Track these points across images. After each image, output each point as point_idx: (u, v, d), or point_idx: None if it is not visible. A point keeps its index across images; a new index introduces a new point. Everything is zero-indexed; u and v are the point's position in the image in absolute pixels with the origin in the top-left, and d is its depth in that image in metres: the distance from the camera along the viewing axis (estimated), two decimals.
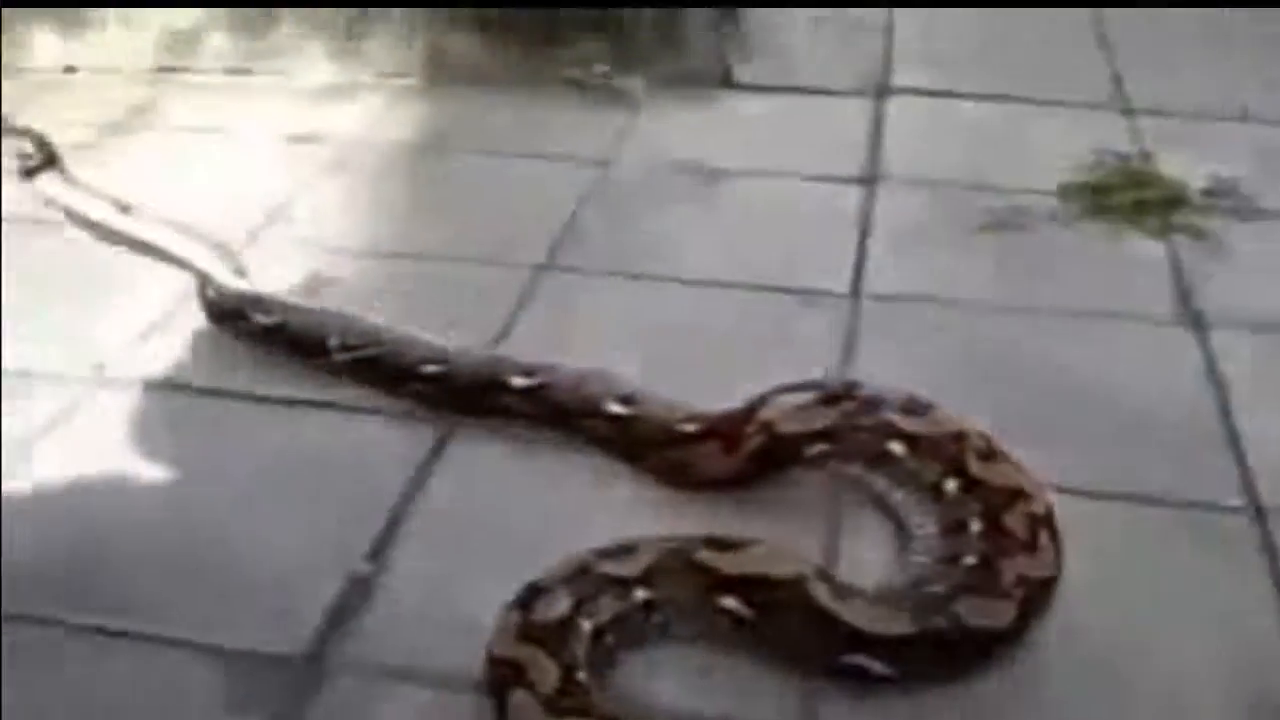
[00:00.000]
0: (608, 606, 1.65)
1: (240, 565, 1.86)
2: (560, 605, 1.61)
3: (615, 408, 2.11)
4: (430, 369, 2.24)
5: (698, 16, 3.52)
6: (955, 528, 1.82)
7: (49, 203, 2.96)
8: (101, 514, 1.99)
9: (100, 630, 1.75)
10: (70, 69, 3.87)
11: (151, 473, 2.09)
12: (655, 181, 3.08)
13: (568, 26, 3.55)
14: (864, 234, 2.77)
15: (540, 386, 2.17)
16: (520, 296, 2.57)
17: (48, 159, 3.00)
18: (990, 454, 1.88)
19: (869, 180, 3.00)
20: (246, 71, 3.77)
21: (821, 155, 3.13)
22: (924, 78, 3.56)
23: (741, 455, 1.97)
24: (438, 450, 2.12)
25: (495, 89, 3.55)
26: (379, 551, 1.89)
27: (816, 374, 2.19)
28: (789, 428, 1.95)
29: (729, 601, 1.68)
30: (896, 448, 1.92)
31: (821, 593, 1.64)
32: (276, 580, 1.83)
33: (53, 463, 2.10)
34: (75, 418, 2.22)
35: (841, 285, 2.57)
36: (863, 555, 1.86)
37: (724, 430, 1.99)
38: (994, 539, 1.75)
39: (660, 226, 2.85)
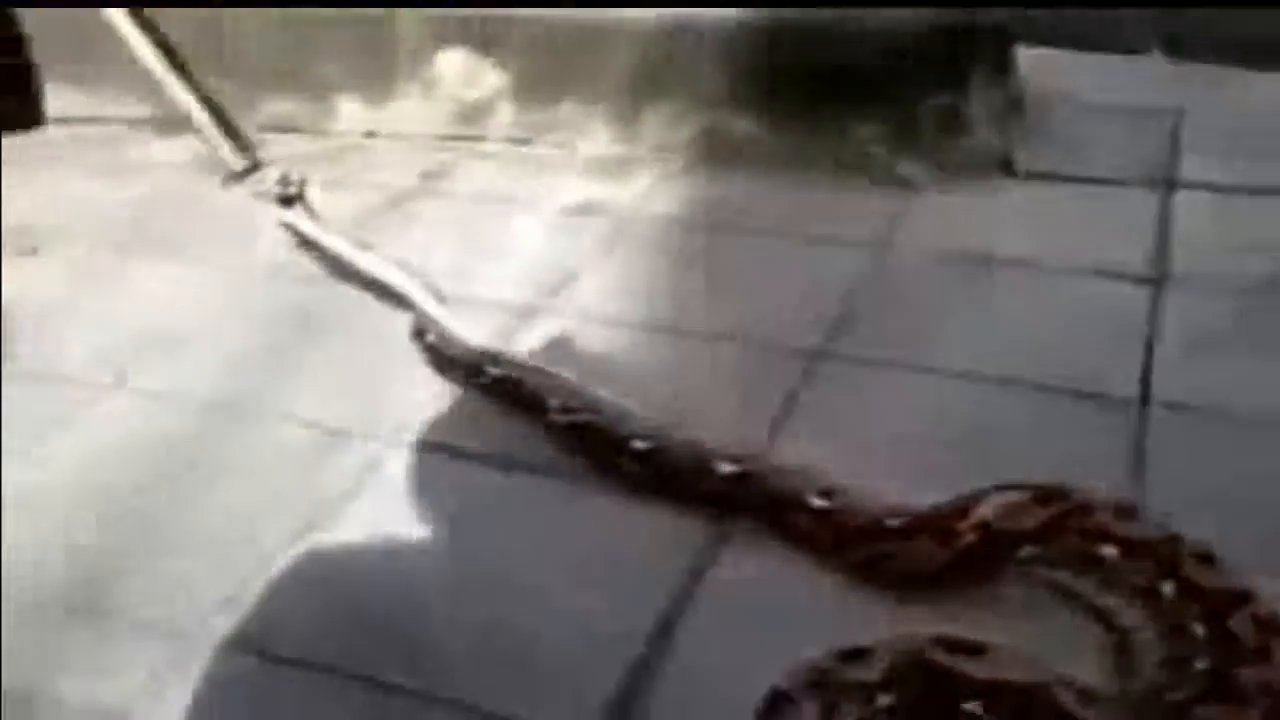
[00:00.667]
0: (850, 713, 1.70)
1: (526, 638, 2.03)
2: (809, 716, 1.66)
3: (817, 500, 2.13)
4: (640, 445, 2.30)
5: (980, 103, 3.54)
6: (1175, 633, 1.82)
7: (292, 230, 3.41)
8: (392, 574, 2.21)
9: (385, 685, 1.95)
10: (370, 134, 4.20)
11: (432, 538, 2.30)
12: (932, 270, 3.12)
13: (845, 110, 3.62)
14: (1150, 335, 2.74)
15: (744, 475, 2.21)
16: (793, 382, 2.67)
17: (300, 193, 3.49)
18: (1208, 559, 1.88)
19: (1156, 279, 2.97)
20: (532, 142, 4.03)
21: (1106, 249, 3.11)
22: (1213, 170, 3.47)
23: (951, 552, 1.98)
24: (711, 540, 2.21)
25: (770, 169, 3.64)
26: (661, 637, 2.01)
27: (1099, 483, 2.18)
28: (1004, 525, 1.96)
29: (972, 707, 1.72)
30: (1109, 550, 1.94)
31: (1067, 699, 1.67)
32: (562, 658, 1.98)
33: (355, 521, 2.34)
34: (374, 477, 2.47)
35: (1126, 389, 2.55)
36: (1073, 660, 1.86)
37: (934, 525, 2.01)
38: (1222, 645, 1.75)
39: (936, 316, 2.90)
